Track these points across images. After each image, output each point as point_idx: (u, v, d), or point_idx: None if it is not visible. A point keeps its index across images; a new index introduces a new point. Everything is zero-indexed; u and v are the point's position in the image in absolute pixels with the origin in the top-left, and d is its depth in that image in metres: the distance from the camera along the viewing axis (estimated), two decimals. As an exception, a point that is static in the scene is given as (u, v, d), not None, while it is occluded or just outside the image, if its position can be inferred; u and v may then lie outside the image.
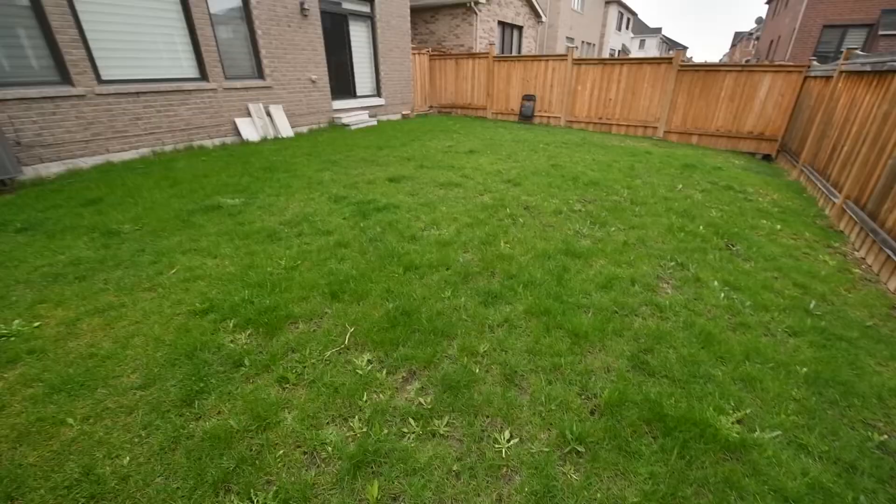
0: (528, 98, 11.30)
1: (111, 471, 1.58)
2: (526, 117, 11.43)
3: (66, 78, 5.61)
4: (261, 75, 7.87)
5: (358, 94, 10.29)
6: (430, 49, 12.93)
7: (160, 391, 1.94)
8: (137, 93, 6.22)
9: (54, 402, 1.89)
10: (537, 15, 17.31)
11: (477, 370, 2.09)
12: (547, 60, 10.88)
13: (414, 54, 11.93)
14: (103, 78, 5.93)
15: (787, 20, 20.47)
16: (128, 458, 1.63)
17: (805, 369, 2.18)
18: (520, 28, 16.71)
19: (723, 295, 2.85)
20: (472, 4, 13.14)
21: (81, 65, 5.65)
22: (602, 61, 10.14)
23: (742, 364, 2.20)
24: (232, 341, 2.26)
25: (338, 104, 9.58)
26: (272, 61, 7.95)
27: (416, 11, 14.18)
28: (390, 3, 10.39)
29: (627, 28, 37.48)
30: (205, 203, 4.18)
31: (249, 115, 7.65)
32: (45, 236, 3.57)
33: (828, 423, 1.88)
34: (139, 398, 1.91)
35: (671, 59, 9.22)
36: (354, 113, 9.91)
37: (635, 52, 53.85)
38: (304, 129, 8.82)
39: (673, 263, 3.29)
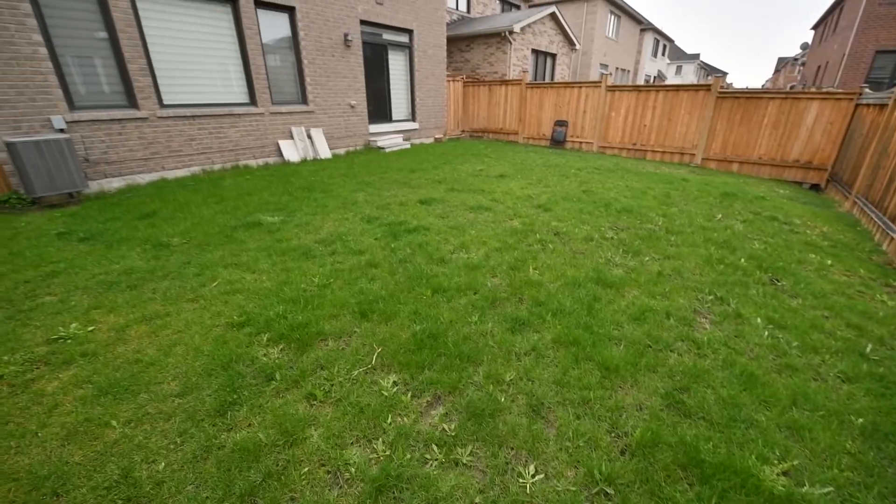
0: (560, 123, 11.35)
1: (147, 475, 1.65)
2: (557, 142, 11.45)
3: (132, 102, 6.18)
4: (304, 101, 8.36)
5: (393, 118, 10.69)
6: (464, 76, 13.33)
7: (196, 400, 2.02)
8: (193, 116, 6.74)
9: (101, 404, 2.01)
10: (571, 43, 17.54)
11: (502, 399, 2.05)
12: (580, 87, 10.94)
13: (448, 81, 12.33)
14: (165, 103, 6.48)
15: (835, 46, 19.73)
16: (163, 463, 1.70)
17: (861, 420, 2.00)
18: (553, 55, 16.97)
19: (767, 333, 2.69)
20: (507, 34, 13.51)
21: (147, 91, 6.22)
22: (637, 88, 10.09)
23: (788, 410, 2.05)
24: (265, 355, 2.34)
25: (374, 128, 9.98)
26: (315, 88, 8.44)
27: (452, 41, 14.74)
28: (428, 34, 10.86)
29: (663, 54, 37.24)
30: (247, 220, 4.42)
31: (292, 137, 8.10)
32: (104, 246, 3.88)
33: (888, 482, 1.71)
34: (177, 405, 2.00)
35: (709, 85, 9.06)
36: (389, 136, 10.28)
37: (671, 78, 53.24)
38: (342, 151, 9.22)
39: (711, 297, 3.15)
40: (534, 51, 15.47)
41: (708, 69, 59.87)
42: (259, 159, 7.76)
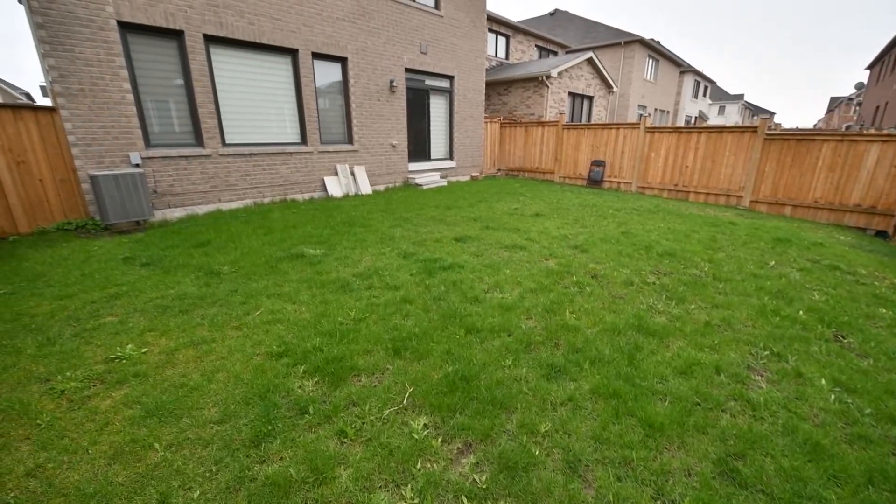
0: (598, 163, 11.33)
1: (182, 503, 1.69)
2: (595, 182, 11.39)
3: (199, 141, 6.83)
4: (350, 141, 8.91)
5: (432, 157, 11.12)
6: (501, 117, 13.76)
7: (233, 428, 2.07)
8: (250, 154, 7.34)
9: (146, 426, 2.10)
10: (608, 86, 17.80)
11: (537, 452, 1.96)
12: (618, 128, 10.97)
13: (486, 122, 12.76)
14: (227, 142, 7.12)
15: (895, 86, 18.78)
16: (198, 492, 1.73)
17: (959, 510, 1.73)
18: (590, 97, 17.24)
19: (833, 397, 2.44)
20: (544, 79, 13.95)
21: (212, 131, 6.87)
22: (677, 129, 9.98)
23: (864, 489, 1.82)
24: (300, 387, 2.39)
25: (413, 166, 10.40)
26: (361, 129, 9.00)
27: (490, 85, 15.38)
28: (468, 80, 11.43)
29: (705, 95, 36.83)
30: (291, 251, 4.65)
31: (336, 174, 8.59)
32: (162, 271, 4.19)
33: None
34: (215, 433, 2.05)
35: (756, 127, 8.81)
36: (427, 174, 10.66)
37: (714, 119, 52.28)
38: (381, 188, 9.62)
39: (767, 353, 2.92)
40: (570, 93, 15.81)
41: (753, 109, 58.42)
42: (305, 194, 8.24)
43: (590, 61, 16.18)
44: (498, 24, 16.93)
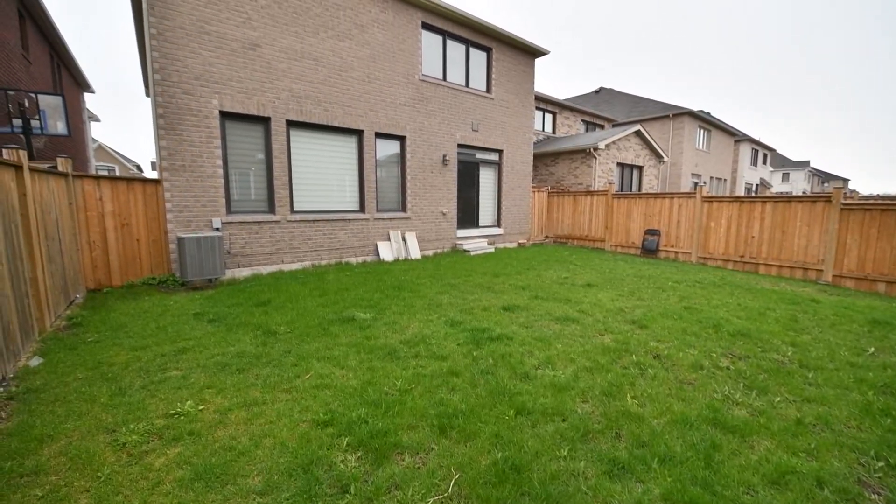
0: (652, 232, 10.98)
1: (218, 585, 1.61)
2: (649, 251, 10.96)
3: (271, 208, 7.58)
4: (403, 209, 9.46)
5: (480, 224, 11.42)
6: (549, 187, 14.07)
7: (275, 502, 2.02)
8: (314, 220, 7.98)
9: (194, 490, 2.10)
10: (658, 156, 17.80)
11: (601, 569, 1.69)
12: (672, 197, 10.73)
13: (534, 191, 13.08)
14: (294, 209, 7.83)
15: None
16: (234, 574, 1.65)
17: None
18: (640, 167, 17.25)
19: None
20: (592, 150, 14.30)
21: (284, 200, 7.62)
22: (738, 199, 9.56)
23: None
24: (343, 461, 2.31)
25: (461, 232, 10.71)
26: (414, 198, 9.57)
27: (538, 157, 15.99)
28: (516, 153, 12.00)
29: (765, 163, 35.51)
30: (342, 314, 4.80)
31: (389, 239, 9.03)
32: (226, 328, 4.46)
33: None
34: (256, 505, 2.00)
35: (829, 195, 8.21)
36: (475, 240, 10.88)
37: (778, 186, 49.68)
38: (430, 253, 9.91)
39: (882, 464, 2.42)
40: (619, 164, 15.95)
41: (822, 176, 55.05)
42: (359, 257, 8.68)
43: (637, 133, 16.46)
44: (545, 103, 18.00)
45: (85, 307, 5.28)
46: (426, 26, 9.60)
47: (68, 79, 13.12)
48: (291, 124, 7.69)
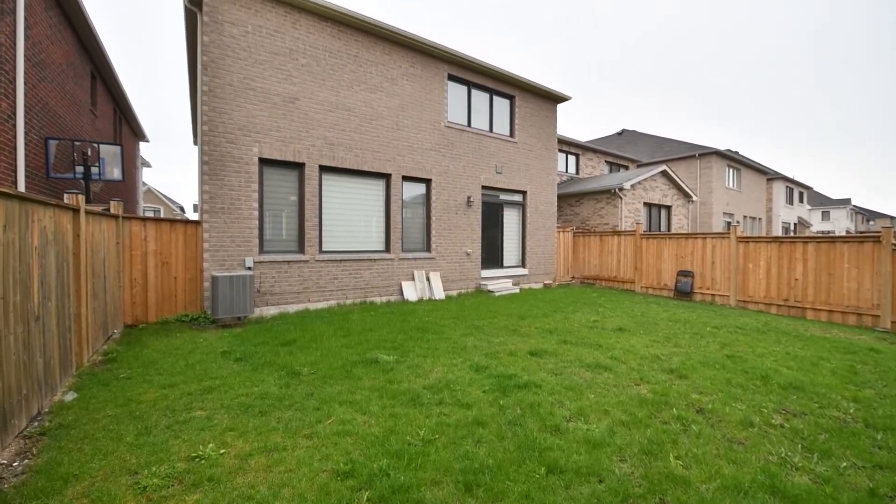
0: (685, 274, 10.56)
1: None
2: (683, 293, 10.49)
3: (301, 248, 7.82)
4: (428, 249, 9.56)
5: (504, 264, 11.34)
6: (574, 227, 13.96)
7: (290, 564, 1.90)
8: (341, 260, 8.15)
9: (208, 544, 2.01)
10: (687, 195, 17.50)
11: None
12: (704, 238, 10.39)
13: (558, 231, 12.99)
14: (323, 249, 8.05)
15: None
16: None
17: None
18: (668, 207, 16.95)
19: None
20: (617, 191, 14.23)
21: (313, 240, 7.86)
22: (776, 239, 9.14)
23: None
24: (362, 519, 2.18)
25: (485, 272, 10.64)
26: (438, 238, 9.68)
27: (562, 197, 16.03)
28: (539, 194, 12.08)
29: (801, 201, 34.18)
30: (365, 356, 4.74)
31: (413, 279, 9.07)
32: (251, 368, 4.47)
33: None
34: (271, 566, 1.89)
35: (878, 234, 7.71)
36: (499, 280, 10.77)
37: (818, 225, 47.45)
38: (454, 293, 9.85)
39: None
40: (646, 203, 15.75)
41: (866, 214, 52.29)
42: (383, 297, 8.71)
43: (664, 173, 16.33)
44: (567, 145, 18.31)
45: (121, 342, 5.46)
46: (452, 77, 10.15)
47: (127, 129, 14.49)
48: (324, 169, 8.09)
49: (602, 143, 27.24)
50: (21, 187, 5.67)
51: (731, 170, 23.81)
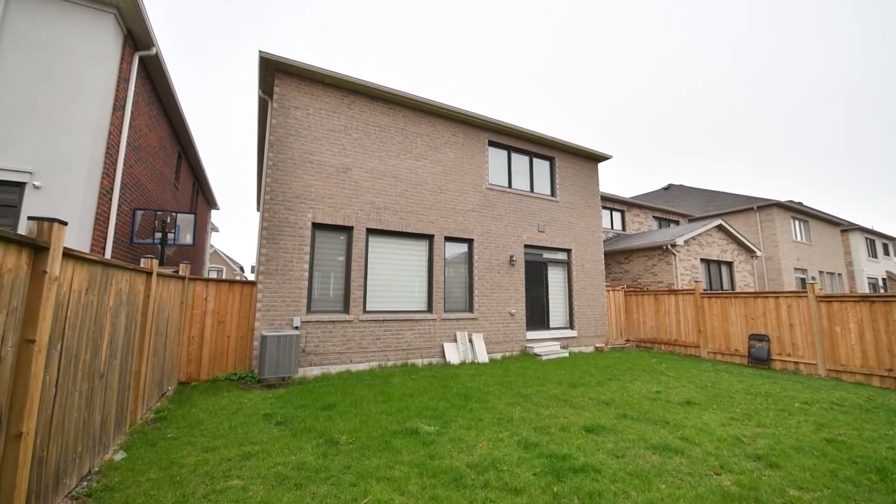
0: (758, 338, 9.44)
1: None
2: (759, 360, 9.29)
3: (346, 308, 7.95)
4: (470, 309, 9.38)
5: (551, 325, 10.81)
6: (624, 286, 13.24)
7: None
8: (383, 320, 8.17)
9: None
10: (749, 250, 16.25)
11: None
12: (776, 297, 9.38)
13: (608, 290, 12.35)
14: (367, 309, 8.14)
15: None
16: None
17: None
18: (728, 263, 15.76)
19: None
20: (669, 247, 13.53)
21: (357, 301, 8.00)
22: (865, 298, 8.02)
23: None
24: None
25: (531, 334, 10.16)
26: (481, 298, 9.51)
27: (609, 254, 15.48)
28: (585, 251, 11.74)
29: (887, 254, 30.48)
30: (405, 425, 4.49)
31: (455, 340, 8.82)
32: (290, 433, 4.36)
33: None
34: None
35: None
36: (546, 343, 10.19)
37: (914, 282, 41.56)
38: (498, 356, 9.40)
39: None
40: (703, 260, 14.76)
41: (976, 271, 45.26)
42: (425, 359, 8.48)
43: (720, 227, 15.43)
44: (611, 202, 18.04)
45: (173, 400, 5.62)
46: (492, 143, 10.62)
47: (202, 198, 16.29)
48: (370, 231, 8.46)
49: (648, 199, 26.62)
50: (108, 252, 6.38)
51: (796, 222, 22.07)
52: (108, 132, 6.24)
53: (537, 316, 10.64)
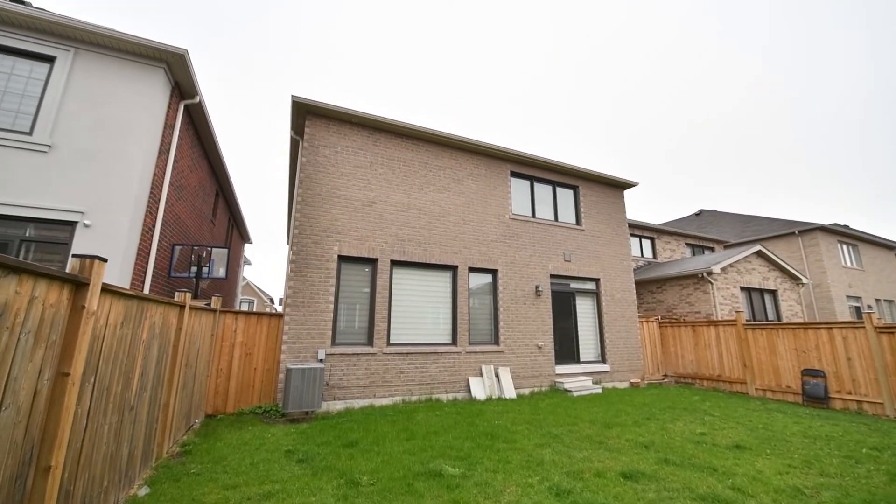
0: (812, 373, 8.64)
1: None
2: (815, 399, 8.46)
3: (370, 341, 7.91)
4: (496, 341, 9.13)
5: (581, 359, 10.33)
6: (659, 317, 12.60)
7: None
8: (407, 353, 8.05)
9: None
10: (794, 278, 15.24)
11: None
12: (830, 328, 8.63)
13: (641, 322, 11.78)
14: (390, 342, 8.06)
15: None
16: None
17: None
18: (772, 291, 14.80)
19: None
20: (705, 275, 12.89)
21: (381, 333, 7.95)
22: (937, 332, 7.25)
23: None
24: None
25: (560, 368, 9.72)
26: (507, 330, 9.26)
27: (641, 284, 14.90)
28: (614, 281, 11.35)
29: (956, 283, 27.79)
30: (429, 466, 4.28)
31: (481, 375, 8.54)
32: (311, 472, 4.24)
33: None
34: None
35: None
36: (577, 378, 9.71)
37: None
38: (526, 392, 9.01)
39: None
40: (743, 288, 13.93)
41: None
42: (449, 394, 8.23)
43: (759, 254, 14.62)
44: (640, 229, 17.57)
45: (198, 433, 5.63)
46: (514, 174, 10.68)
47: (236, 233, 17.06)
48: (394, 263, 8.52)
49: (678, 226, 25.79)
50: (147, 284, 6.68)
51: (844, 246, 20.67)
52: (153, 174, 6.71)
53: (567, 349, 10.22)
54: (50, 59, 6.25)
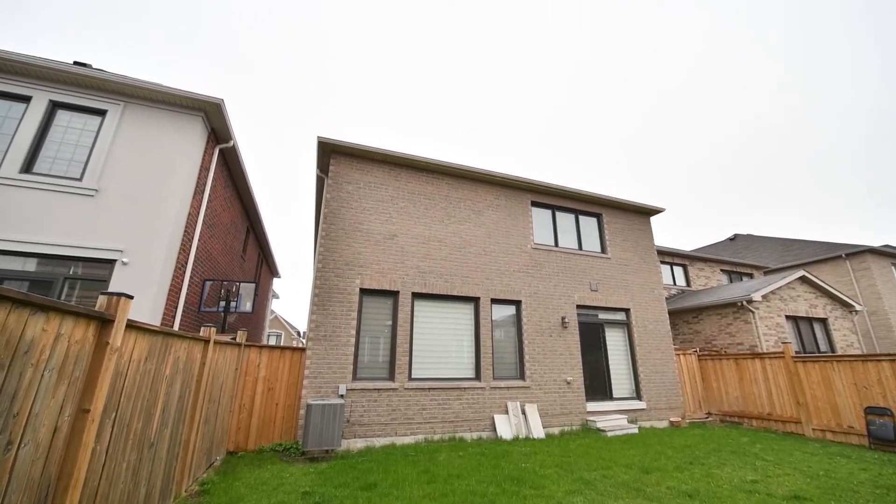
0: (878, 412, 7.76)
1: None
2: (882, 441, 7.54)
3: (391, 375, 7.76)
4: (522, 376, 8.77)
5: (614, 395, 9.73)
6: (697, 349, 11.84)
7: None
8: (429, 388, 7.83)
9: None
10: (846, 305, 14.11)
11: None
12: (892, 360, 7.82)
13: (678, 355, 11.08)
14: (412, 377, 7.89)
15: None
16: None
17: None
18: (821, 320, 13.70)
19: None
20: (745, 303, 12.13)
21: (403, 367, 7.80)
22: None
23: None
24: None
25: (592, 406, 9.17)
26: (533, 364, 8.90)
27: (675, 314, 14.18)
28: (646, 311, 10.83)
29: None
30: (450, 512, 4.02)
31: (507, 412, 8.16)
32: (328, 517, 4.05)
33: None
34: None
35: None
36: (610, 416, 9.11)
37: None
38: (556, 431, 8.51)
39: None
40: (789, 317, 12.98)
41: None
42: (474, 432, 7.86)
43: (804, 279, 13.69)
44: (671, 256, 16.93)
45: (218, 471, 5.56)
46: (535, 203, 10.64)
47: (265, 268, 17.59)
48: (416, 295, 8.48)
49: (712, 252, 24.70)
50: (177, 319, 6.89)
51: (899, 270, 19.10)
52: (188, 213, 7.08)
53: (598, 384, 9.67)
54: (102, 113, 6.88)
